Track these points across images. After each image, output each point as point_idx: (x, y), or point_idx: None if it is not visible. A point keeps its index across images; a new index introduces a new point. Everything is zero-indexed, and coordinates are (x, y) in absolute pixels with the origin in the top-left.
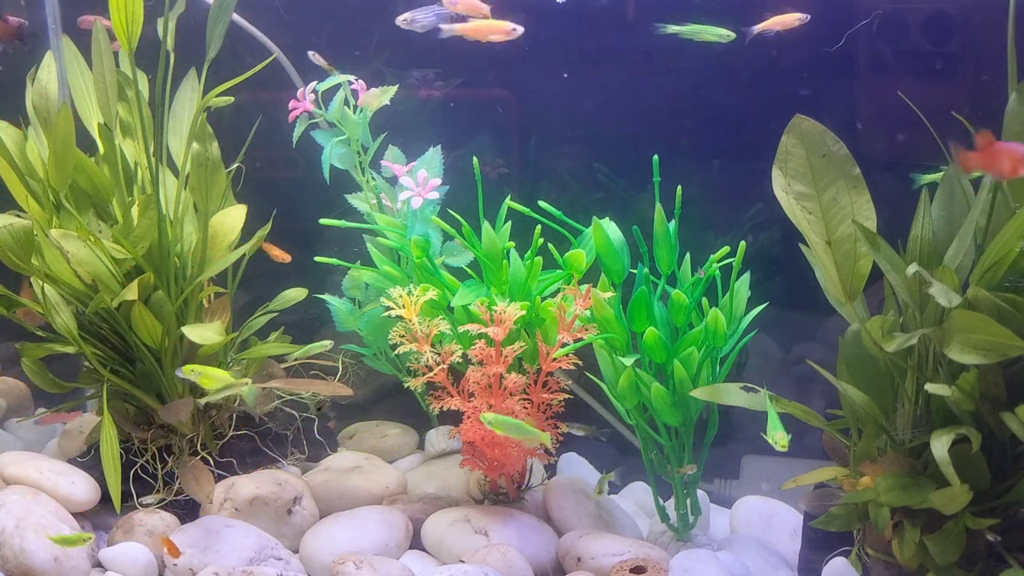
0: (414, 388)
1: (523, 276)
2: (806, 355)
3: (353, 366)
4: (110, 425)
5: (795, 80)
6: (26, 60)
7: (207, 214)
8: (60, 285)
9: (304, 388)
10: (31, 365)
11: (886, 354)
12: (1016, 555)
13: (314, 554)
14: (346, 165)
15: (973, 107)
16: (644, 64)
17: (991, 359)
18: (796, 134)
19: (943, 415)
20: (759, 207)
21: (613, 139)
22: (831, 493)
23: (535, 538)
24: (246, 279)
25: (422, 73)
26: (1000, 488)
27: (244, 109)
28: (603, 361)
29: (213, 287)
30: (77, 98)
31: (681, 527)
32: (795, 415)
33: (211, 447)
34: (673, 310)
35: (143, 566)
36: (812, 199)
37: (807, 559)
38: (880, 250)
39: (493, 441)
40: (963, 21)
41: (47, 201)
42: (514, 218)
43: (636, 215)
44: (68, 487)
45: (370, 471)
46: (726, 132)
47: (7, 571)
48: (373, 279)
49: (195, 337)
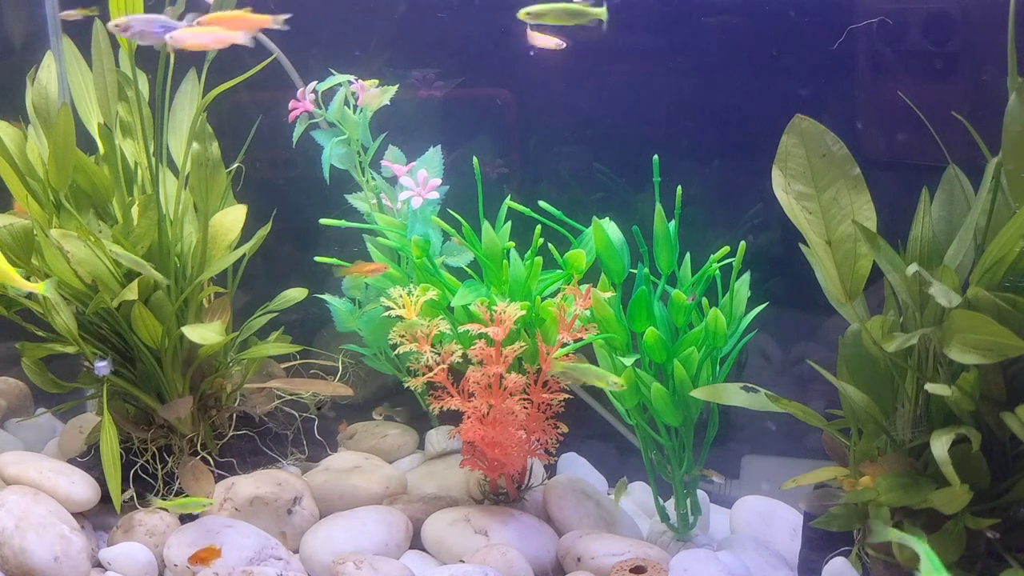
0: (414, 388)
1: (523, 276)
2: (806, 355)
3: (353, 366)
4: (110, 425)
5: (795, 80)
6: (26, 60)
7: (207, 214)
8: (60, 285)
9: (304, 388)
10: (31, 365)
11: (886, 354)
12: (1016, 555)
13: (314, 554)
14: (346, 165)
15: (973, 107)
16: (644, 64)
17: (991, 359)
18: (796, 134)
19: (943, 415)
20: (759, 207)
21: (613, 139)
22: (831, 493)
23: (535, 538)
24: (246, 279)
25: (422, 73)
26: (1000, 488)
27: (244, 109)
28: (603, 361)
29: (213, 287)
30: (77, 98)
31: (681, 527)
32: (795, 415)
33: (211, 447)
34: (673, 310)
35: (143, 566)
36: (812, 199)
37: (807, 559)
38: (880, 250)
39: (493, 441)
40: (963, 21)
41: (47, 201)
42: (514, 218)
43: (636, 215)
44: (68, 487)
45: (370, 471)
46: (726, 132)
47: (7, 571)
48: (373, 279)
49: (195, 337)
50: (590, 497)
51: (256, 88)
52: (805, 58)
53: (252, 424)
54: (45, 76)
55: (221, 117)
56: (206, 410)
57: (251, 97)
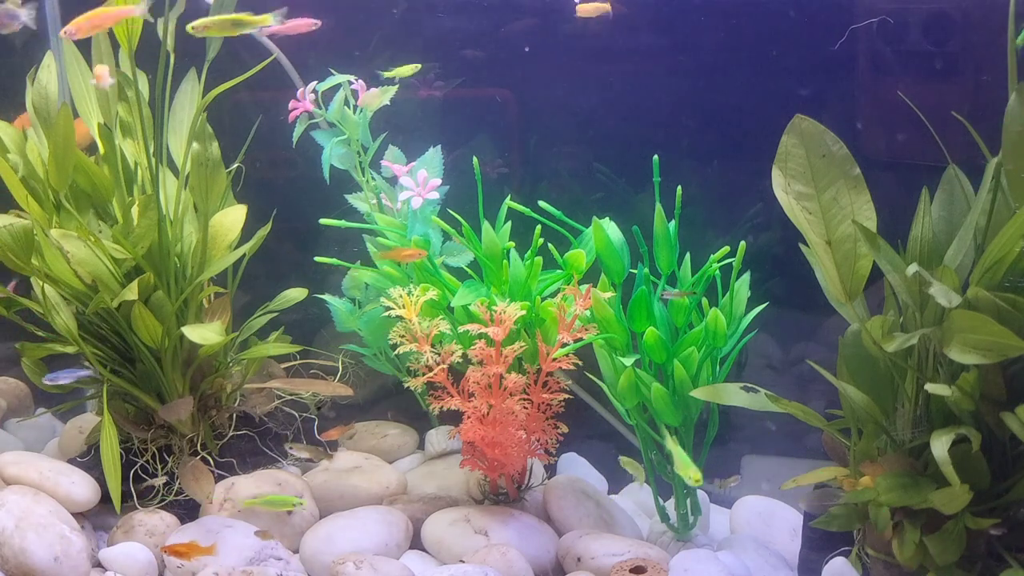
0: (414, 388)
1: (523, 276)
2: (806, 355)
3: (353, 366)
4: (110, 425)
5: (795, 80)
6: (26, 60)
7: (207, 214)
8: (60, 285)
9: (304, 388)
10: (31, 365)
11: (886, 354)
12: (1016, 555)
13: (314, 554)
14: (346, 165)
15: (973, 107)
16: (644, 63)
17: (991, 359)
18: (796, 134)
19: (943, 415)
20: (759, 207)
21: (613, 139)
22: (831, 493)
23: (535, 538)
24: (246, 279)
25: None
26: (1000, 488)
27: (244, 109)
28: (603, 361)
29: (213, 287)
30: (77, 98)
31: (681, 527)
32: (795, 415)
33: (211, 447)
34: (673, 310)
35: (143, 566)
36: (812, 199)
37: (807, 559)
38: (880, 250)
39: (493, 441)
40: (963, 21)
41: (47, 201)
42: (514, 218)
43: (636, 215)
44: (68, 487)
45: (370, 471)
46: (726, 132)
47: (7, 571)
48: (373, 279)
49: (195, 337)
50: (590, 497)
51: (256, 88)
52: (805, 58)
53: (252, 424)
54: (45, 76)
55: (221, 117)
56: (206, 410)
57: (251, 97)
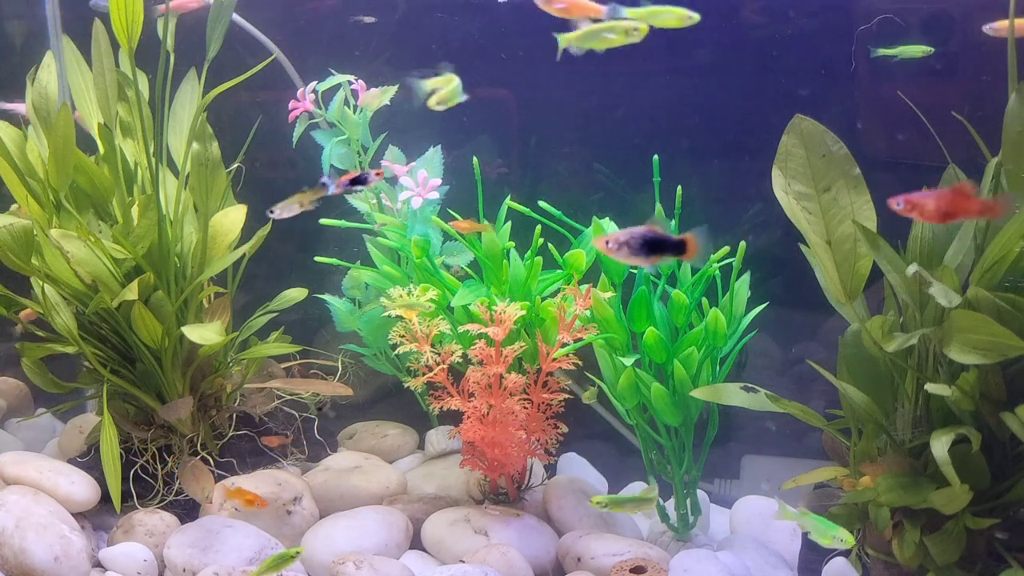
0: (414, 388)
1: (523, 276)
2: (806, 355)
3: (353, 366)
4: (110, 425)
5: (795, 80)
6: (26, 60)
7: (207, 214)
8: (60, 285)
9: (304, 388)
10: (31, 365)
11: (886, 354)
12: (1016, 555)
13: (314, 554)
14: (346, 165)
15: (973, 107)
16: (644, 63)
17: (991, 359)
18: (796, 134)
19: (943, 415)
20: (759, 207)
21: (613, 139)
22: (831, 493)
23: (535, 538)
24: (246, 279)
25: (422, 73)
26: (1000, 488)
27: (244, 109)
28: (603, 361)
29: (213, 287)
30: (77, 98)
31: (681, 527)
32: (795, 415)
33: (211, 447)
34: (673, 310)
35: (143, 566)
36: (812, 199)
37: (807, 559)
38: (880, 250)
39: (493, 441)
40: (963, 21)
41: (47, 201)
42: (514, 218)
43: (636, 215)
44: (68, 487)
45: (370, 471)
46: (726, 132)
47: (7, 571)
48: (373, 279)
49: (195, 337)
50: (590, 497)
51: (256, 88)
52: (805, 58)
53: (252, 424)
54: (45, 76)
55: (221, 117)
56: (206, 410)
57: (251, 97)
